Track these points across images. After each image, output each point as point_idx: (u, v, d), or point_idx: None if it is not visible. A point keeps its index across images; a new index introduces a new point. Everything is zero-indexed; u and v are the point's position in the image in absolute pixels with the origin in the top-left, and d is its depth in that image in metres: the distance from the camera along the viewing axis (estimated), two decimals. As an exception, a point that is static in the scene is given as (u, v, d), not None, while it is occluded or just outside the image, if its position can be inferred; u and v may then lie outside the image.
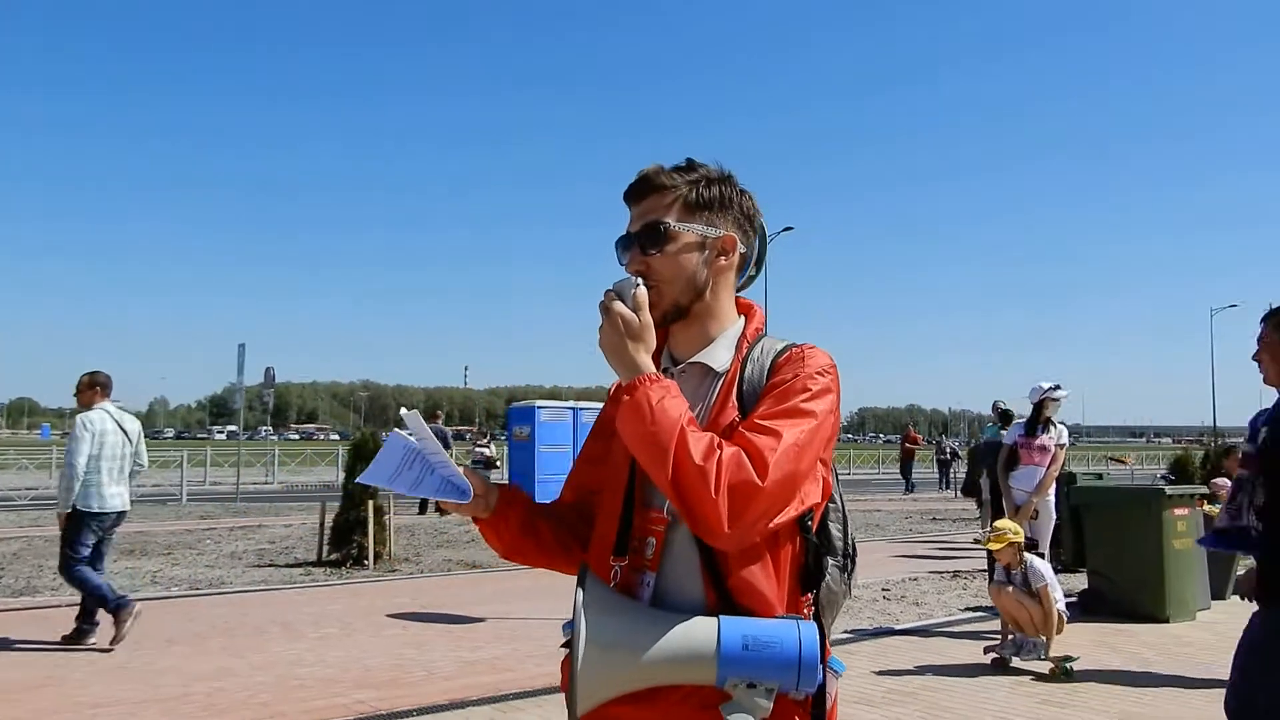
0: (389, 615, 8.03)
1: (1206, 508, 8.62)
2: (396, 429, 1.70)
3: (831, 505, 1.66)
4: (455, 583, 10.10)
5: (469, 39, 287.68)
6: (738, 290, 1.77)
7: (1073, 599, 8.60)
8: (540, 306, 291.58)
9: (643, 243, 1.66)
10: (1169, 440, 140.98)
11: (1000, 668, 6.34)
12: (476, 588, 9.70)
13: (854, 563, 1.69)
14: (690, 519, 1.47)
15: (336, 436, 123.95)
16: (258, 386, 24.70)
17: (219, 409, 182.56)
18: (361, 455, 11.63)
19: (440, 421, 19.72)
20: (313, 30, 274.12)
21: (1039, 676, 6.12)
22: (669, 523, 1.59)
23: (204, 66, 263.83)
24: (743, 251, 1.73)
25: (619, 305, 1.58)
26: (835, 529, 1.66)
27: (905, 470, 28.95)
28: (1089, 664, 6.41)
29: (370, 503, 11.16)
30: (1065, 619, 6.41)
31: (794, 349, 1.65)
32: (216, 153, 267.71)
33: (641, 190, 1.69)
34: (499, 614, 8.12)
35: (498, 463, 21.96)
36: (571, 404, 22.62)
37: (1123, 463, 43.03)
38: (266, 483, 30.03)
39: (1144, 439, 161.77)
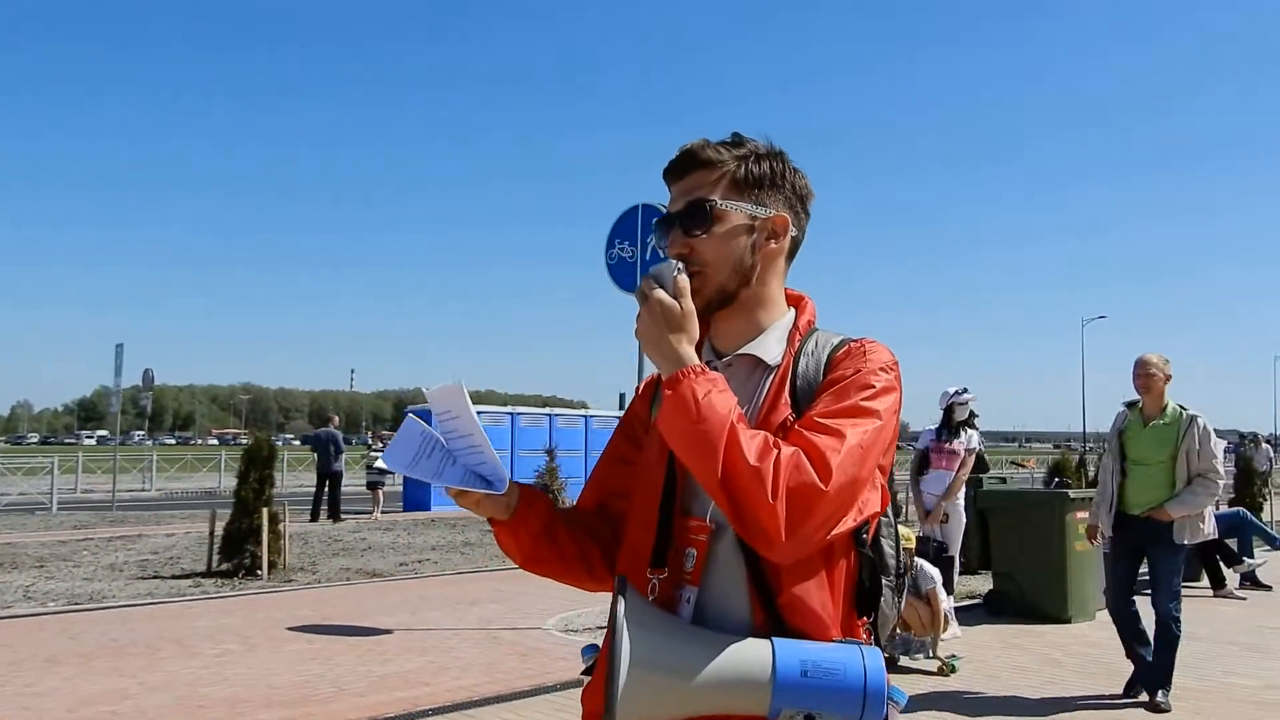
0: (290, 628, 7.64)
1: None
2: (411, 413, 1.50)
3: (884, 520, 1.53)
4: (356, 592, 9.71)
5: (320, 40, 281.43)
6: None
7: (978, 600, 8.78)
8: (427, 308, 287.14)
9: (685, 223, 1.51)
10: (1039, 445, 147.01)
11: (890, 667, 6.43)
12: (379, 597, 9.34)
13: (905, 583, 1.58)
14: (743, 527, 1.33)
15: (215, 442, 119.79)
16: (133, 389, 23.46)
17: (88, 413, 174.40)
18: (254, 461, 11.14)
19: (334, 425, 19.10)
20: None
21: (928, 673, 6.32)
22: (712, 531, 1.44)
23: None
24: (794, 235, 1.58)
25: (659, 293, 1.43)
26: (888, 545, 1.54)
27: None
28: (1003, 665, 6.52)
29: (265, 510, 10.67)
30: (949, 620, 6.67)
31: (853, 343, 1.52)
32: (102, 148, 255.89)
33: (685, 166, 1.54)
34: (406, 625, 7.82)
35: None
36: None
37: (1024, 466, 44.40)
38: (144, 490, 28.66)
39: (1016, 444, 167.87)
